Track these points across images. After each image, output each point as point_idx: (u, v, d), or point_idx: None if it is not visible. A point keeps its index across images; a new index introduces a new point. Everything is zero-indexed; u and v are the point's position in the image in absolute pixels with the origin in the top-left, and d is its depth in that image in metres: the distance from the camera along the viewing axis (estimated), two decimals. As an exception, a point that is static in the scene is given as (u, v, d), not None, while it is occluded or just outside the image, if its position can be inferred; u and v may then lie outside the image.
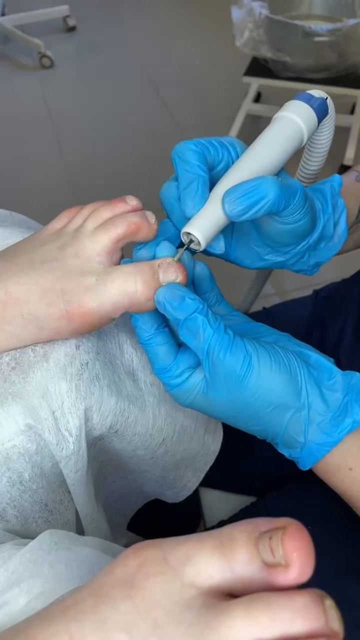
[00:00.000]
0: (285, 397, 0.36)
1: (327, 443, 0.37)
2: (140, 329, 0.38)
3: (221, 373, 0.35)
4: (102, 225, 0.38)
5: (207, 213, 0.37)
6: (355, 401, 0.37)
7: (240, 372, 0.35)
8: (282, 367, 0.36)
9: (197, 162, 0.37)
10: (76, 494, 0.41)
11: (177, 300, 0.35)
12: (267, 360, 0.36)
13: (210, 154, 0.38)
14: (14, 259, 0.39)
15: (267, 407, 0.36)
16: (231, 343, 0.35)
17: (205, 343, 0.35)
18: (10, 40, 2.38)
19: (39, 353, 0.38)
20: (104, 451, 0.44)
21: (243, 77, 1.59)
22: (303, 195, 0.37)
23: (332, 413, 0.37)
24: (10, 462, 0.38)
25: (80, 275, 0.36)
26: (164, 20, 2.56)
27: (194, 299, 0.35)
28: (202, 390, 0.37)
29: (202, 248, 0.37)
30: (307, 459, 0.37)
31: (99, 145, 1.89)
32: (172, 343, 0.38)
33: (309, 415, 0.36)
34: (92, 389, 0.38)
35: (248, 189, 0.35)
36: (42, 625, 0.24)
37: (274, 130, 0.40)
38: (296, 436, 0.37)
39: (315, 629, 0.21)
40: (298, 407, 0.36)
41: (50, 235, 0.40)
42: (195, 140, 0.38)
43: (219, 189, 0.37)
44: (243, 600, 0.22)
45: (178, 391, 0.38)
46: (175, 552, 0.24)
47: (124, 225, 0.37)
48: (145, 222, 0.37)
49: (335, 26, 1.37)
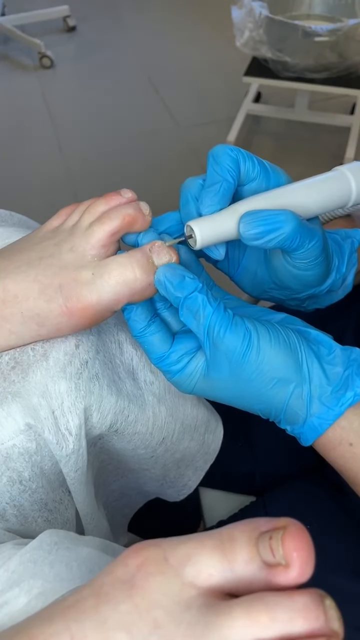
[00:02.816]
0: (286, 371, 0.36)
1: (328, 416, 0.37)
2: (133, 321, 0.38)
3: (222, 351, 0.36)
4: (97, 219, 0.38)
5: (217, 220, 0.37)
6: (356, 374, 0.37)
7: (241, 348, 0.35)
8: (281, 342, 0.36)
9: (229, 166, 0.37)
10: (76, 493, 0.41)
11: (178, 279, 0.36)
12: (267, 336, 0.36)
13: (245, 166, 0.38)
14: (11, 256, 0.39)
15: (269, 383, 0.36)
16: (231, 321, 0.36)
17: (206, 321, 0.35)
18: (10, 40, 2.38)
19: (39, 352, 0.38)
20: (104, 450, 0.44)
21: (243, 77, 1.59)
22: (320, 244, 0.37)
23: (333, 386, 0.37)
24: (10, 461, 0.38)
25: (76, 270, 0.37)
26: (164, 20, 2.56)
27: (194, 278, 0.36)
28: (203, 372, 0.37)
29: (196, 247, 0.37)
30: (309, 434, 0.38)
31: (99, 145, 1.89)
32: (166, 331, 0.39)
33: (310, 389, 0.37)
34: (92, 388, 0.38)
35: (267, 215, 0.35)
36: (43, 625, 0.24)
37: (324, 179, 0.39)
38: (298, 411, 0.37)
39: (315, 628, 0.21)
40: (299, 380, 0.36)
41: (47, 233, 0.40)
42: (236, 147, 0.38)
43: (241, 206, 0.37)
44: (243, 600, 0.22)
45: (180, 377, 0.38)
46: (175, 552, 0.24)
47: (119, 217, 0.37)
48: (139, 214, 0.38)
49: (335, 26, 1.37)
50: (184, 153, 1.82)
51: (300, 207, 0.38)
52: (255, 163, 0.38)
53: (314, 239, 0.37)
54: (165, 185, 1.66)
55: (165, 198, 1.29)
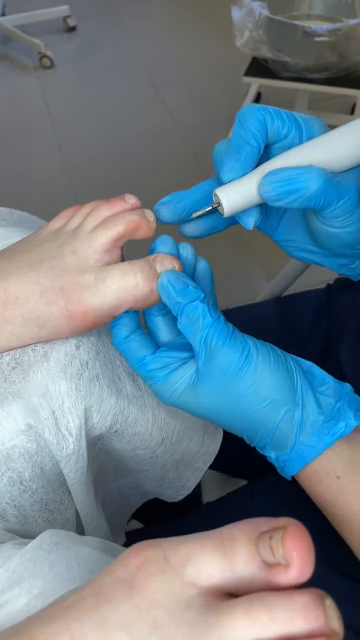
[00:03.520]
0: (281, 393, 0.36)
1: (318, 445, 0.36)
2: (118, 329, 0.38)
3: (217, 363, 0.35)
4: (101, 223, 0.38)
5: (244, 184, 0.36)
6: (348, 406, 0.37)
7: (238, 362, 0.35)
8: (280, 364, 0.36)
9: (255, 129, 0.35)
10: (76, 494, 0.41)
11: (181, 285, 0.36)
12: (267, 355, 0.36)
13: (273, 125, 0.36)
14: (12, 257, 0.39)
15: (262, 402, 0.36)
16: (231, 334, 0.35)
17: (204, 331, 0.35)
18: (10, 40, 2.38)
19: (39, 353, 0.38)
20: (103, 451, 0.44)
21: (243, 77, 1.59)
22: (354, 200, 0.35)
23: (325, 415, 0.36)
24: (11, 461, 0.38)
25: (78, 273, 0.36)
26: (164, 20, 2.56)
27: (197, 287, 0.36)
28: (191, 383, 0.37)
29: (225, 215, 0.37)
30: (295, 462, 0.37)
31: (99, 145, 1.89)
32: (149, 340, 0.38)
33: (302, 415, 0.36)
34: (92, 388, 0.38)
35: (289, 176, 0.34)
36: (43, 624, 0.24)
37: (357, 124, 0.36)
38: (287, 436, 0.36)
39: (315, 628, 0.21)
40: (292, 405, 0.36)
41: (49, 234, 0.40)
42: (263, 107, 0.36)
43: (267, 166, 0.36)
44: (243, 600, 0.22)
45: (163, 384, 0.37)
46: (175, 551, 0.24)
47: (123, 223, 0.37)
48: (144, 221, 0.37)
49: (335, 26, 1.37)
50: (184, 153, 1.82)
51: (330, 160, 0.35)
52: (285, 119, 0.36)
53: (344, 196, 0.35)
54: (165, 185, 1.66)
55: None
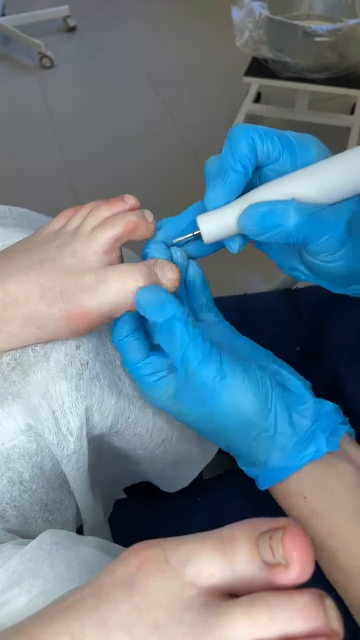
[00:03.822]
0: (252, 416, 0.35)
1: (287, 468, 0.36)
2: (119, 327, 0.38)
3: (192, 382, 0.35)
4: (100, 224, 0.38)
5: (224, 215, 0.35)
6: (322, 430, 0.36)
7: (211, 384, 0.34)
8: (253, 386, 0.35)
9: (243, 153, 0.34)
10: (78, 491, 0.41)
11: (157, 304, 0.35)
12: (240, 377, 0.35)
13: (263, 148, 0.34)
14: (12, 258, 0.39)
15: (234, 422, 0.36)
16: (207, 354, 0.34)
17: (181, 350, 0.35)
18: (10, 41, 2.38)
19: (39, 353, 0.38)
20: (104, 444, 0.44)
21: (243, 77, 1.59)
22: (339, 236, 0.33)
23: (297, 438, 0.36)
24: (10, 462, 0.38)
25: (78, 275, 0.36)
26: (164, 20, 2.56)
27: (173, 303, 0.35)
28: (172, 393, 0.37)
29: (205, 243, 0.37)
30: (265, 479, 0.37)
31: (99, 145, 1.89)
32: (146, 341, 0.39)
33: (275, 437, 0.36)
34: (93, 388, 0.39)
35: (268, 211, 0.33)
36: (44, 624, 0.24)
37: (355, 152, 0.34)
38: (259, 455, 0.37)
39: (315, 628, 0.21)
40: (264, 427, 0.36)
41: (49, 235, 0.40)
42: (253, 128, 0.34)
43: (250, 197, 0.35)
44: (243, 600, 0.22)
45: (150, 391, 0.38)
46: (175, 551, 0.24)
47: (122, 224, 0.37)
48: (143, 221, 0.37)
49: (335, 26, 1.37)
50: (184, 153, 1.82)
51: (318, 192, 0.34)
52: (276, 142, 0.35)
53: (327, 233, 0.33)
54: (165, 185, 1.66)
55: (165, 198, 1.29)
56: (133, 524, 0.54)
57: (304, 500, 0.36)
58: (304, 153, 0.35)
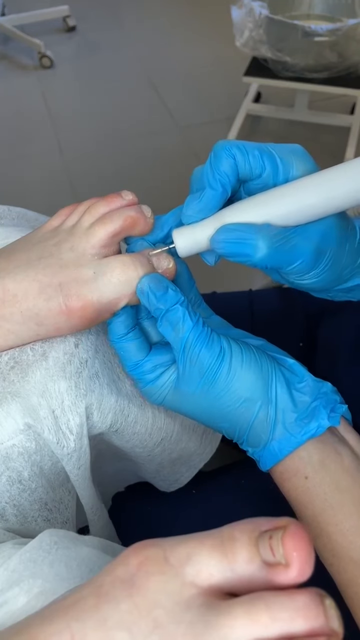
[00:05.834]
0: (253, 391, 0.36)
1: (289, 443, 0.37)
2: (116, 326, 0.38)
3: (195, 366, 0.36)
4: (98, 220, 0.38)
5: (198, 231, 0.36)
6: (323, 407, 0.37)
7: (214, 365, 0.36)
8: (252, 363, 0.37)
9: (223, 170, 0.35)
10: (80, 489, 0.41)
11: (161, 291, 0.36)
12: (239, 356, 0.36)
13: (245, 165, 0.35)
14: (10, 256, 0.39)
15: (236, 402, 0.36)
16: (208, 337, 0.36)
17: (185, 334, 0.35)
18: (10, 40, 2.38)
19: (38, 352, 0.38)
20: (103, 442, 0.44)
21: (243, 77, 1.59)
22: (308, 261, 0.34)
23: (299, 414, 0.37)
24: (10, 461, 0.38)
25: (76, 269, 0.37)
26: (164, 20, 2.56)
27: (176, 290, 0.36)
28: (174, 385, 0.37)
29: (180, 256, 0.37)
30: (268, 458, 0.37)
31: (99, 145, 1.89)
32: (144, 340, 0.39)
33: (276, 412, 0.37)
34: (92, 386, 0.38)
35: (238, 237, 0.34)
36: (43, 624, 0.24)
37: (342, 168, 0.34)
38: (261, 433, 0.37)
39: (316, 628, 0.21)
40: (265, 401, 0.36)
41: (47, 233, 0.40)
42: (235, 145, 0.35)
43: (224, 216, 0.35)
44: (243, 599, 0.22)
45: (151, 387, 0.38)
46: (175, 551, 0.24)
47: (120, 219, 0.37)
48: (141, 216, 0.38)
49: (335, 26, 1.37)
50: (184, 153, 1.82)
51: (294, 213, 0.34)
52: (258, 158, 0.35)
53: (296, 260, 0.34)
54: (165, 185, 1.66)
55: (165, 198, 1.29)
56: (128, 514, 0.55)
57: (305, 480, 0.37)
58: (288, 168, 0.35)
